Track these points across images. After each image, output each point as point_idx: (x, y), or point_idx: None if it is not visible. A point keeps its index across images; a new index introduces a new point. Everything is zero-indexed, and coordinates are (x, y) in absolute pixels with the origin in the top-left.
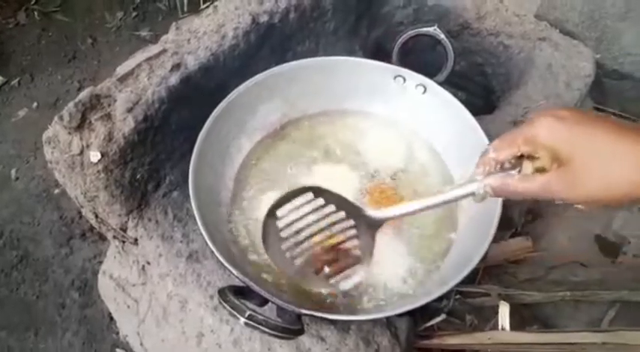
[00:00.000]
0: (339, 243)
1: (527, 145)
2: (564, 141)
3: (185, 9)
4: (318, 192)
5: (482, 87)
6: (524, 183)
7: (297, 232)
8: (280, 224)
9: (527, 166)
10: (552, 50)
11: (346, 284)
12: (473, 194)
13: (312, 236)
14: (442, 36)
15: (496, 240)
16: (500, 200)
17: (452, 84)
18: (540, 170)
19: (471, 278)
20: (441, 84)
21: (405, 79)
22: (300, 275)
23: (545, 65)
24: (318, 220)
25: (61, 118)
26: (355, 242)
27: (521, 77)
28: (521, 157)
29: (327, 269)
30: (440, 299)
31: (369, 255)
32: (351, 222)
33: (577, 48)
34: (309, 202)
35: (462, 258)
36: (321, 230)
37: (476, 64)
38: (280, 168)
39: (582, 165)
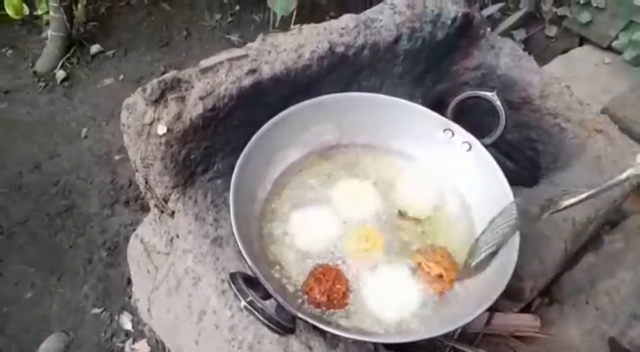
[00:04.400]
0: None
1: None
2: None
3: (276, 25)
4: None
5: (531, 161)
6: None
7: None
8: None
9: None
10: (606, 144)
11: None
12: (628, 179)
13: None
14: (498, 102)
15: (504, 310)
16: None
17: (502, 152)
18: None
19: (470, 339)
20: (486, 147)
21: (453, 133)
22: None
23: (595, 156)
24: None
25: (143, 90)
26: None
27: (569, 161)
28: None
29: None
30: (433, 348)
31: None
32: None
33: (632, 148)
34: None
35: (466, 309)
36: None
37: (529, 138)
38: (315, 184)
39: None
